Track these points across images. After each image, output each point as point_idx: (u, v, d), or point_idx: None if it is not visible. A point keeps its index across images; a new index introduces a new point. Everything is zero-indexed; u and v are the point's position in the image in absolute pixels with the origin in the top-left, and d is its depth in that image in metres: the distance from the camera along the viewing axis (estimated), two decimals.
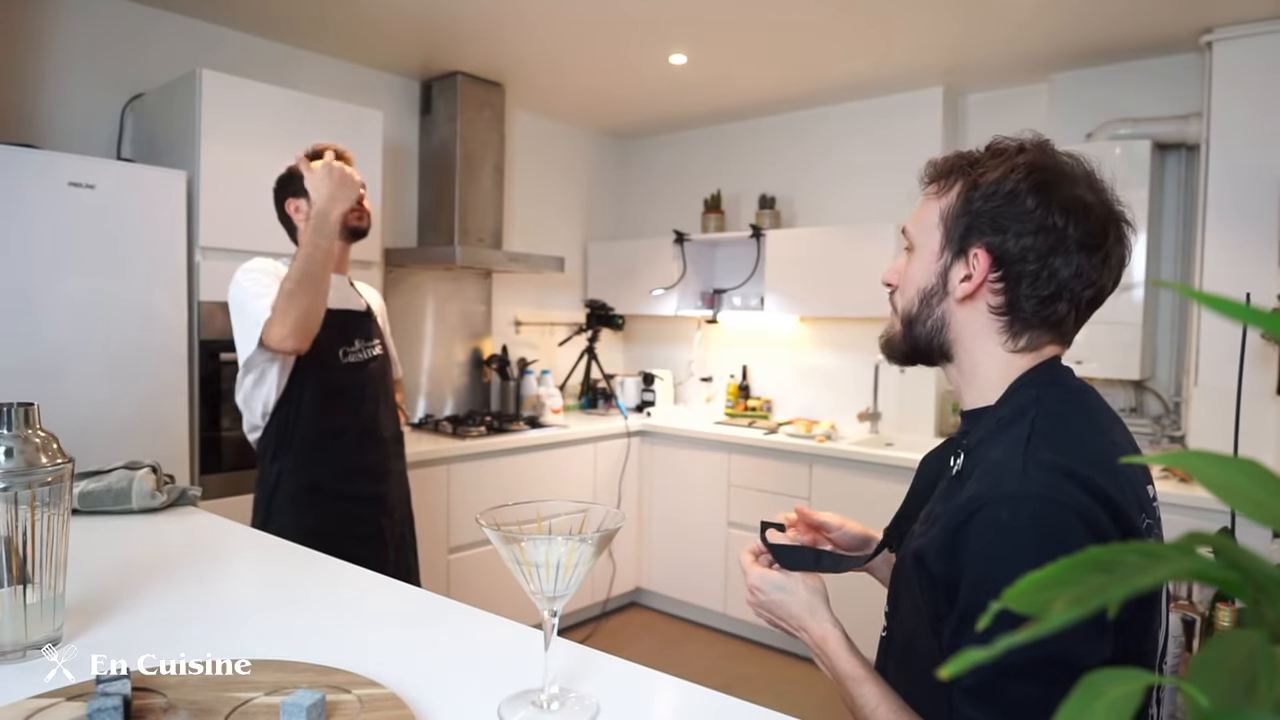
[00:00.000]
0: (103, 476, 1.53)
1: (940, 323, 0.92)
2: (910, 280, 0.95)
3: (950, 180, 0.92)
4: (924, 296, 0.93)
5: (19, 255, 2.19)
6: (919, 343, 0.95)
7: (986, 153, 0.91)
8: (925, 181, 0.96)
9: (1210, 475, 0.33)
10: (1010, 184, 0.86)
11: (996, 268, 0.87)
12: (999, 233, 0.86)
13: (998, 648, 0.29)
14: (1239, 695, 0.27)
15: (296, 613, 1.10)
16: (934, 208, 0.92)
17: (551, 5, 2.83)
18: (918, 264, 0.94)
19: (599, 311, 4.28)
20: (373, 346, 1.99)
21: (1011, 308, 0.88)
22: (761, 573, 0.98)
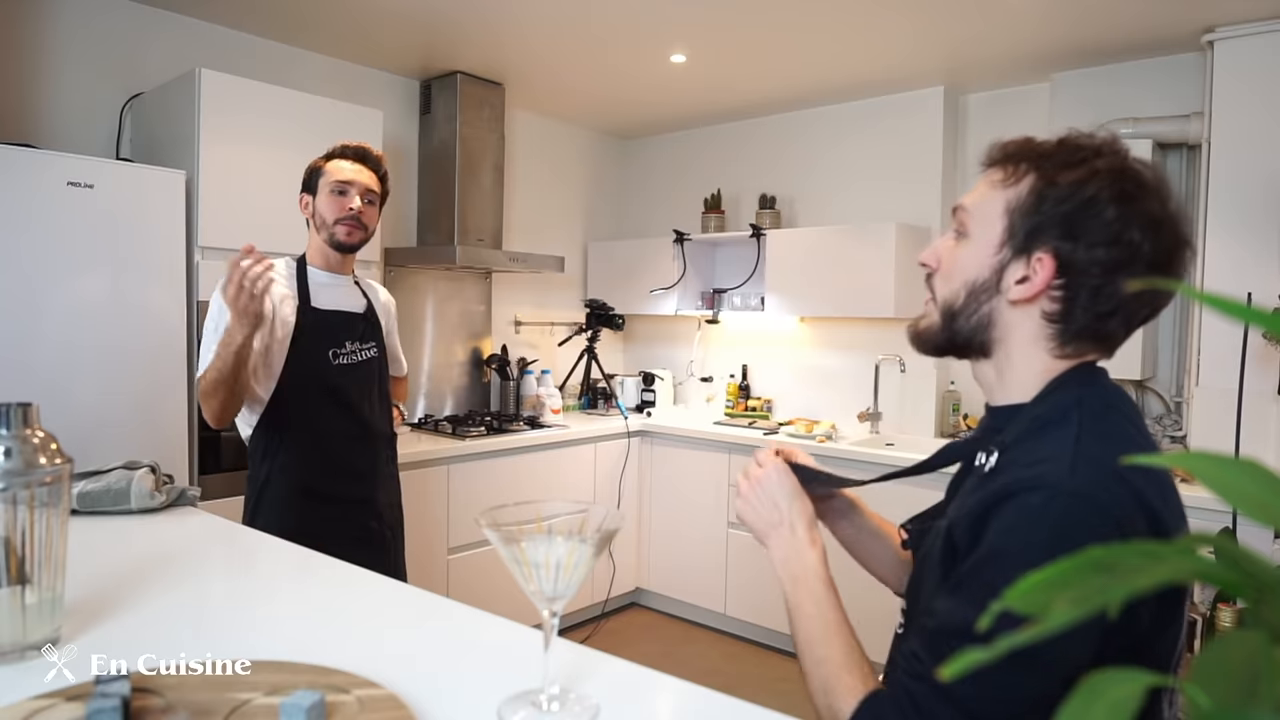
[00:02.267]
0: (101, 477, 1.52)
1: (986, 320, 0.87)
2: (959, 269, 0.88)
3: (1021, 170, 0.85)
4: (972, 290, 0.87)
5: (18, 255, 2.19)
6: (958, 337, 0.89)
7: (1061, 148, 0.84)
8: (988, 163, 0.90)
9: (1212, 475, 0.33)
10: (1093, 189, 0.80)
11: (1060, 274, 0.81)
12: (1070, 239, 0.80)
13: (999, 648, 0.29)
14: (1240, 695, 0.27)
15: (296, 613, 1.09)
16: (1000, 197, 0.86)
17: (551, 5, 2.83)
18: (970, 253, 0.87)
19: (599, 311, 4.28)
20: (367, 348, 1.99)
21: (1065, 317, 0.83)
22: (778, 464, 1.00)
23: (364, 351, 1.98)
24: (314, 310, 1.91)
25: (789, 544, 0.96)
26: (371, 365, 1.99)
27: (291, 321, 1.88)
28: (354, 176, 1.94)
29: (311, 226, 1.98)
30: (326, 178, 1.94)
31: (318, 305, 1.93)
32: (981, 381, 0.93)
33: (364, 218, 1.94)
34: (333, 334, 1.92)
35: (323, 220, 1.93)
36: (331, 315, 1.94)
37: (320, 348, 1.89)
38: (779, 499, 0.98)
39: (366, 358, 1.98)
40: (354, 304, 2.02)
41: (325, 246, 1.96)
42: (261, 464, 1.89)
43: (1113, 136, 0.85)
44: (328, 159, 1.97)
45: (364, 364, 1.97)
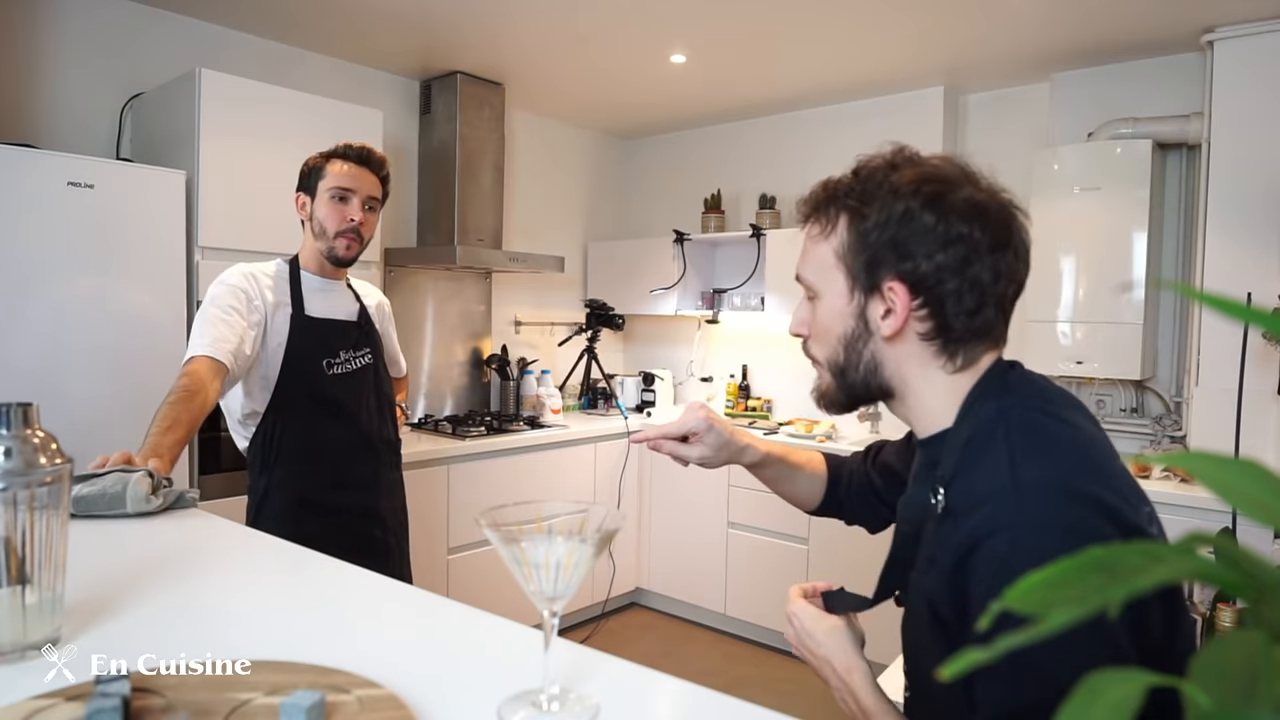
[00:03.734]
0: (96, 480, 1.52)
1: (872, 364, 0.87)
2: (825, 329, 0.89)
3: (830, 215, 0.87)
4: (847, 342, 0.87)
5: (18, 255, 2.19)
6: (856, 389, 0.89)
7: (857, 179, 0.86)
8: (802, 220, 0.91)
9: (1211, 475, 0.33)
10: (901, 205, 0.81)
11: (916, 294, 0.82)
12: (908, 259, 0.81)
13: (998, 648, 0.29)
14: (1240, 695, 0.27)
15: (296, 613, 1.09)
16: (825, 249, 0.87)
17: (551, 5, 2.83)
18: (826, 310, 0.88)
19: (599, 311, 4.28)
20: (362, 355, 1.95)
21: (942, 330, 0.83)
22: (803, 605, 0.97)
23: (358, 359, 1.94)
24: (307, 319, 1.87)
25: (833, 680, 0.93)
26: (366, 373, 1.95)
27: (285, 331, 1.84)
28: (356, 183, 1.88)
29: (307, 229, 1.92)
30: (327, 180, 1.88)
31: (311, 313, 1.88)
32: (902, 418, 0.92)
33: (364, 229, 1.90)
34: (326, 343, 1.88)
35: (322, 228, 1.88)
36: (324, 324, 1.89)
37: (314, 358, 1.85)
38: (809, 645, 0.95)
39: (361, 365, 1.94)
40: (347, 310, 1.98)
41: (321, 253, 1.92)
42: (260, 477, 1.86)
43: (897, 146, 0.88)
44: (327, 159, 1.90)
45: (359, 372, 1.93)
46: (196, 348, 1.72)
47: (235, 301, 1.79)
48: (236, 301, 1.79)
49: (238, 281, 1.83)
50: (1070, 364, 3.10)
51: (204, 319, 1.76)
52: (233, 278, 1.84)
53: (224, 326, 1.75)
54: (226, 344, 1.72)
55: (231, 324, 1.75)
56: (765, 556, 3.54)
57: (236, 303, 1.79)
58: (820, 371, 0.92)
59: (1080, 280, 3.08)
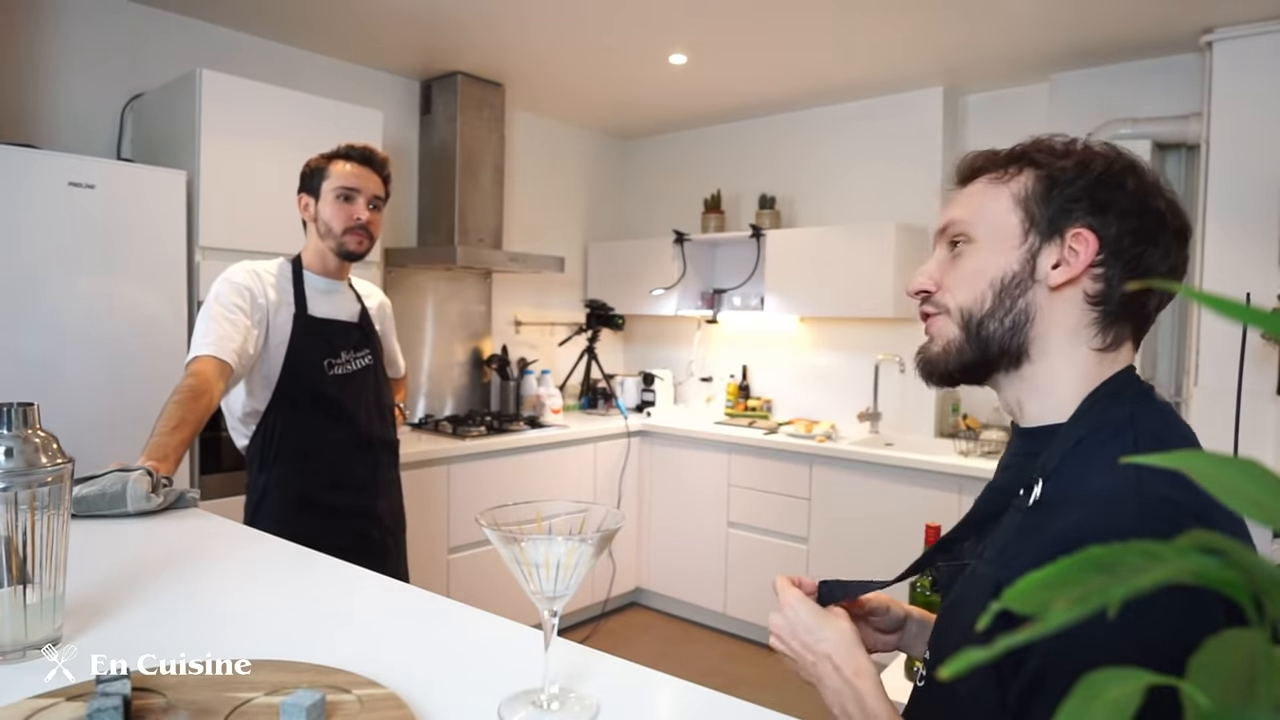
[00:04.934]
0: (95, 480, 1.52)
1: (1024, 316, 0.79)
2: (975, 272, 0.81)
3: (1011, 167, 0.82)
4: (1002, 287, 0.79)
5: (19, 255, 2.19)
6: (990, 345, 0.80)
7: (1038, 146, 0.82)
8: (967, 175, 0.86)
9: (1210, 475, 0.33)
10: (1102, 164, 0.78)
11: (1101, 249, 0.76)
12: (1100, 212, 0.76)
13: (998, 647, 0.29)
14: (1239, 695, 0.27)
15: (296, 613, 1.10)
16: (1003, 192, 0.81)
17: (551, 5, 2.83)
18: (986, 254, 0.81)
19: (599, 311, 4.29)
20: (362, 356, 1.96)
21: (1107, 298, 0.77)
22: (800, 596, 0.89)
23: (358, 360, 1.95)
24: (310, 318, 1.88)
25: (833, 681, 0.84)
26: (367, 374, 1.96)
27: (287, 330, 1.84)
28: (360, 182, 1.89)
29: (311, 229, 1.93)
30: (331, 181, 1.88)
31: (314, 313, 1.89)
32: (1010, 399, 0.84)
33: (371, 226, 1.91)
34: (328, 343, 1.90)
35: (328, 228, 1.88)
36: (327, 324, 1.90)
37: (315, 358, 1.86)
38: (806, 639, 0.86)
39: (361, 366, 1.95)
40: (349, 311, 1.99)
41: (326, 252, 1.91)
42: (259, 475, 1.86)
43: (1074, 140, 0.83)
44: (330, 159, 1.91)
45: (359, 373, 1.94)
46: (201, 347, 1.72)
47: (239, 299, 1.79)
48: (240, 299, 1.79)
49: (242, 279, 1.82)
50: None
51: (208, 317, 1.75)
52: (237, 275, 1.83)
53: (228, 325, 1.75)
54: (231, 343, 1.73)
55: (235, 322, 1.75)
56: (765, 556, 3.54)
57: (241, 300, 1.78)
58: (941, 326, 0.84)
59: None
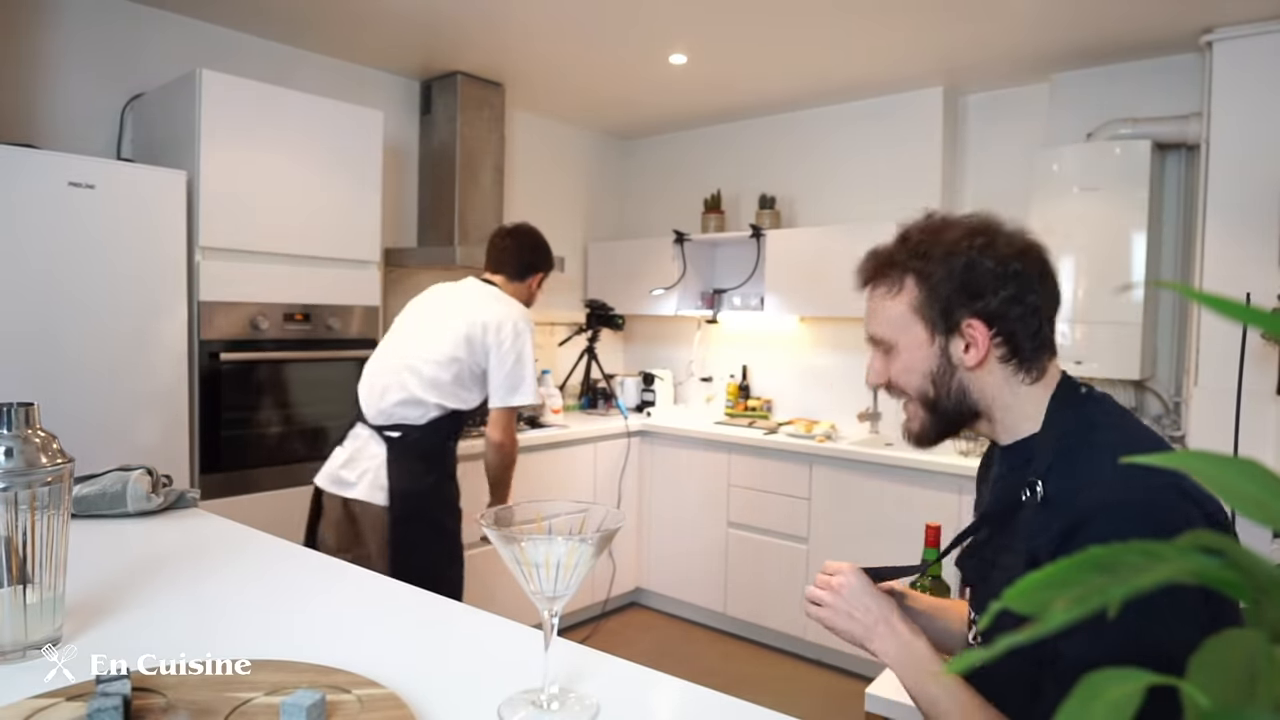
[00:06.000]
0: (95, 480, 1.52)
1: (960, 391, 0.99)
2: (911, 370, 1.00)
3: (895, 278, 0.99)
4: (935, 377, 0.99)
5: (19, 255, 2.19)
6: (949, 415, 1.00)
7: (907, 244, 0.99)
8: (868, 283, 1.04)
9: (1210, 475, 0.33)
10: (962, 258, 0.95)
11: (991, 326, 0.95)
12: (979, 299, 0.95)
13: (998, 647, 0.29)
14: (1239, 695, 0.27)
15: (296, 613, 1.10)
16: (898, 304, 1.00)
17: (551, 5, 2.83)
18: (909, 355, 1.00)
19: (599, 311, 4.28)
20: None
21: (1016, 351, 0.96)
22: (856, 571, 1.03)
23: None
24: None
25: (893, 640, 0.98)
26: None
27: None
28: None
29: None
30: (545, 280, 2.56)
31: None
32: (987, 435, 1.03)
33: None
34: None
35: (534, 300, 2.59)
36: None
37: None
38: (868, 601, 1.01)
39: None
40: None
41: None
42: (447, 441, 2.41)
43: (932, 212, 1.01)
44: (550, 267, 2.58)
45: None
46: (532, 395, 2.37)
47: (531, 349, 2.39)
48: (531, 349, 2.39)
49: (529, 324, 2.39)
50: (1070, 364, 3.10)
51: (531, 359, 2.35)
52: (529, 322, 2.40)
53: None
54: None
55: None
56: (765, 556, 3.54)
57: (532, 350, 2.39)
58: (912, 409, 1.03)
59: (1080, 280, 3.08)
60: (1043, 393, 0.98)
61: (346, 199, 2.90)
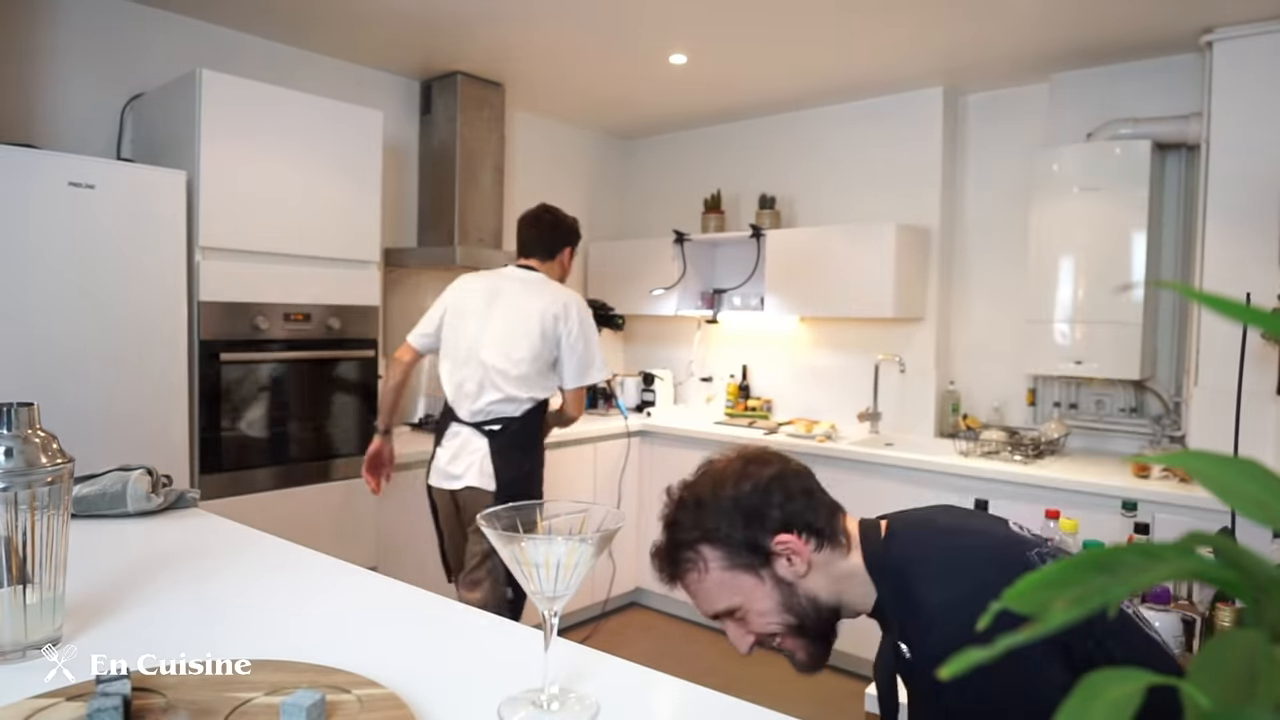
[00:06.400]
0: (96, 480, 1.52)
1: (812, 601, 1.06)
2: (766, 614, 1.06)
3: (691, 556, 1.06)
4: (785, 604, 1.06)
5: (19, 255, 2.19)
6: (819, 628, 1.07)
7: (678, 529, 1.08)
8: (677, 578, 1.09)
9: (1210, 475, 0.33)
10: (727, 505, 1.05)
11: (790, 529, 1.05)
12: (765, 518, 1.05)
13: (998, 647, 0.29)
14: (1239, 695, 0.27)
15: (296, 613, 1.10)
16: (713, 575, 1.06)
17: (551, 5, 2.83)
18: (756, 605, 1.06)
19: (599, 311, 4.27)
20: None
21: (817, 533, 1.06)
22: None
23: None
24: None
25: None
26: None
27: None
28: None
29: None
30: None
31: None
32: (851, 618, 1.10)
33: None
34: None
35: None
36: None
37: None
38: None
39: None
40: None
41: None
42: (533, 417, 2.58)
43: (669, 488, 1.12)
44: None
45: None
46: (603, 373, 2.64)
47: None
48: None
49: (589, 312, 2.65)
50: (1069, 364, 3.10)
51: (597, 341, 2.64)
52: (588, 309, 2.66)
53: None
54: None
55: None
56: None
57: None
58: (790, 644, 1.08)
59: (1079, 280, 3.08)
60: (856, 558, 1.06)
61: (346, 199, 2.90)
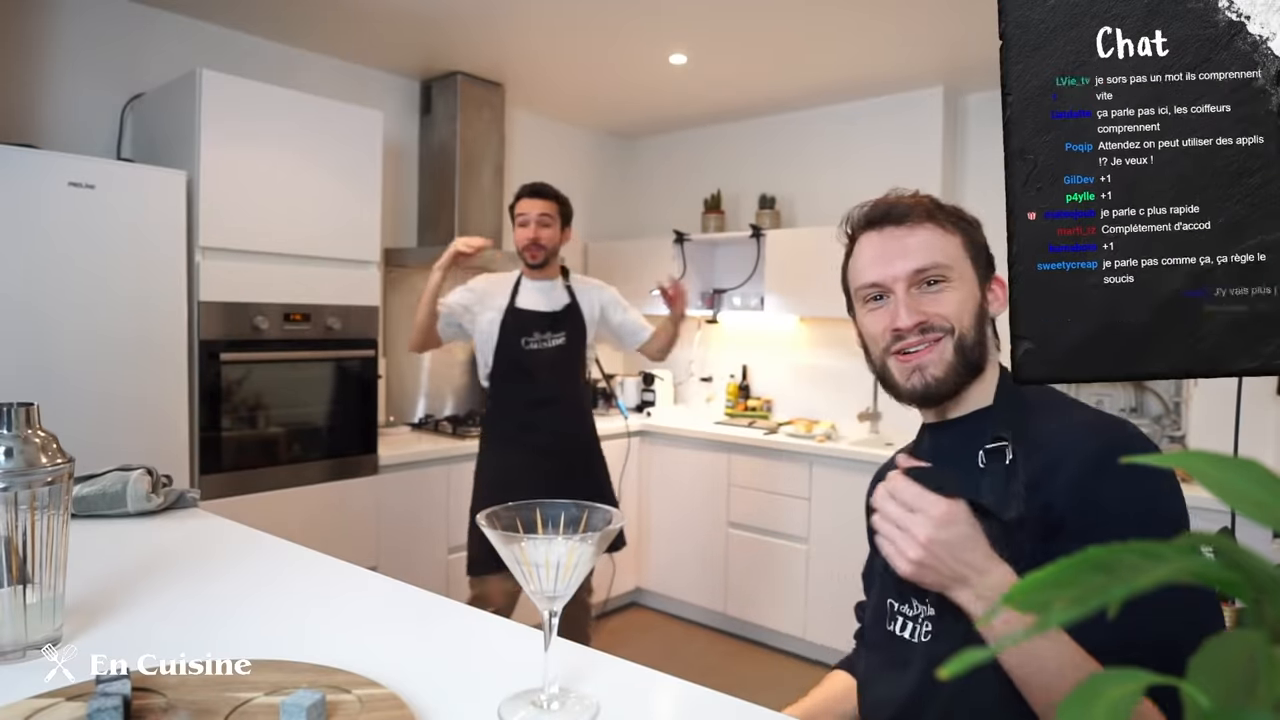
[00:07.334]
0: (95, 480, 1.52)
1: (984, 344, 1.00)
2: (965, 306, 0.98)
3: (943, 221, 1.00)
4: (979, 317, 0.99)
5: (19, 255, 2.19)
6: (970, 366, 0.98)
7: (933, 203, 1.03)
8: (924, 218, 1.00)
9: (1210, 475, 0.33)
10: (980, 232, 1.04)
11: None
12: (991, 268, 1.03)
13: (999, 647, 0.29)
14: (1239, 695, 0.27)
15: (296, 613, 1.10)
16: (955, 243, 1.00)
17: (551, 5, 2.83)
18: (966, 291, 0.99)
19: None
20: (557, 337, 2.60)
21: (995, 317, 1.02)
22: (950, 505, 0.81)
23: (553, 339, 2.60)
24: (515, 309, 2.59)
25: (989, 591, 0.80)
26: (559, 351, 2.61)
27: (498, 320, 2.58)
28: (529, 209, 2.55)
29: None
30: (515, 213, 2.59)
31: (519, 306, 2.60)
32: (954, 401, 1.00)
33: (542, 239, 2.55)
34: (524, 327, 2.58)
35: (517, 248, 2.60)
36: (526, 313, 2.59)
37: (515, 335, 2.57)
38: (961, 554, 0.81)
39: (555, 345, 2.60)
40: (552, 304, 2.63)
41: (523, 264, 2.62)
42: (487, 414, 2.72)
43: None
44: (516, 199, 2.60)
45: (551, 350, 2.59)
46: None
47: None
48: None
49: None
50: None
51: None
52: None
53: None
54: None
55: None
56: (765, 556, 3.54)
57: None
58: (939, 351, 0.96)
59: None
60: (995, 364, 1.02)
61: (346, 199, 2.90)
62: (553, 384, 2.63)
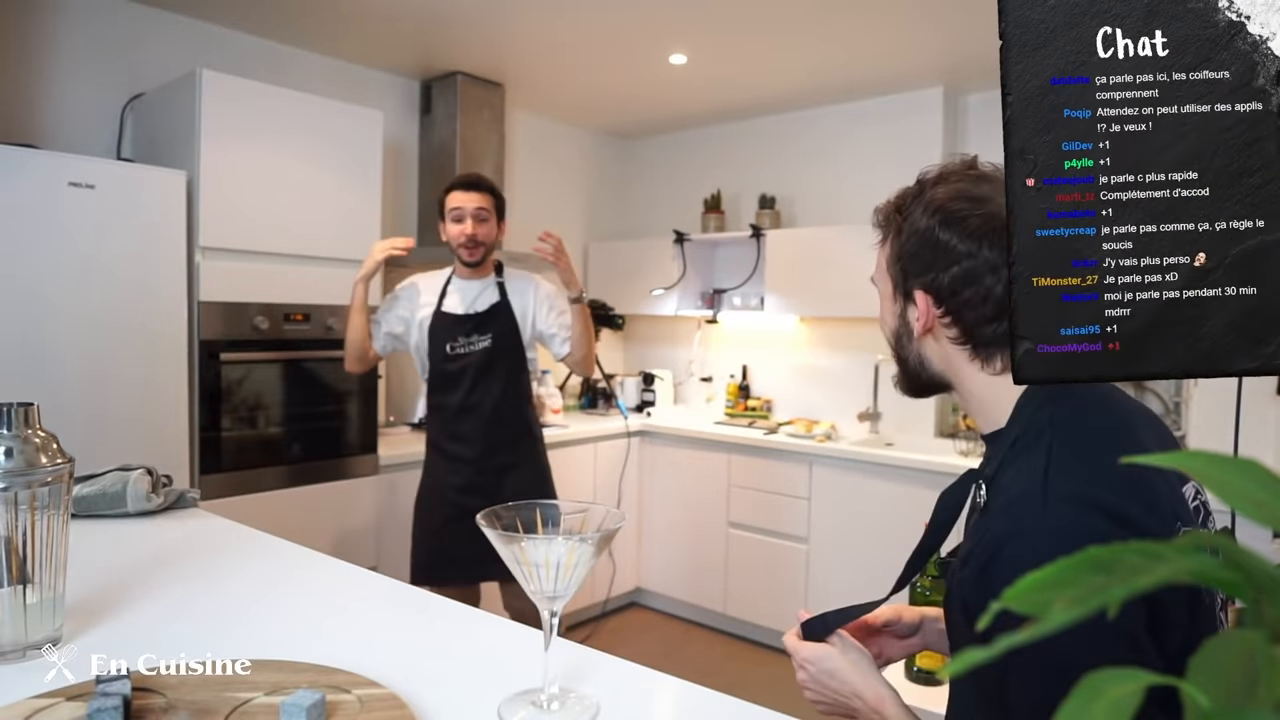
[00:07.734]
0: (96, 480, 1.52)
1: (919, 359, 0.94)
2: (883, 320, 0.99)
3: (887, 228, 0.95)
4: (896, 338, 0.96)
5: (19, 255, 2.19)
6: (913, 378, 0.97)
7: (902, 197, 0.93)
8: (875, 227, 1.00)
9: (1210, 475, 0.33)
10: (924, 223, 0.88)
11: (938, 304, 0.88)
12: (927, 272, 0.88)
13: (998, 647, 0.29)
14: (1239, 695, 0.27)
15: (296, 613, 1.10)
16: (882, 255, 0.97)
17: (551, 5, 2.83)
18: (883, 309, 0.98)
19: (599, 311, 4.28)
20: (483, 339, 2.44)
21: (968, 336, 0.87)
22: (813, 648, 0.94)
23: (477, 343, 2.43)
24: (440, 313, 2.44)
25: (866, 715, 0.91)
26: (483, 354, 2.43)
27: (428, 324, 2.44)
28: (464, 202, 2.37)
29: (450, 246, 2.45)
30: (446, 208, 2.40)
31: (444, 309, 2.45)
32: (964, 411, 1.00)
33: (479, 235, 2.39)
34: (449, 331, 2.43)
35: (450, 245, 2.42)
36: (450, 316, 2.44)
37: (440, 341, 2.43)
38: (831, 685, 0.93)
39: (481, 348, 2.43)
40: (480, 304, 2.47)
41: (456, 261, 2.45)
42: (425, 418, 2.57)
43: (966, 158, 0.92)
44: (446, 191, 2.41)
45: (476, 354, 2.43)
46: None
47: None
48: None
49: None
50: None
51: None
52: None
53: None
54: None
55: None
56: (765, 556, 3.54)
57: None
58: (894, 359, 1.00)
59: None
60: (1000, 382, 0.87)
61: (346, 199, 2.90)
62: (479, 390, 2.43)
